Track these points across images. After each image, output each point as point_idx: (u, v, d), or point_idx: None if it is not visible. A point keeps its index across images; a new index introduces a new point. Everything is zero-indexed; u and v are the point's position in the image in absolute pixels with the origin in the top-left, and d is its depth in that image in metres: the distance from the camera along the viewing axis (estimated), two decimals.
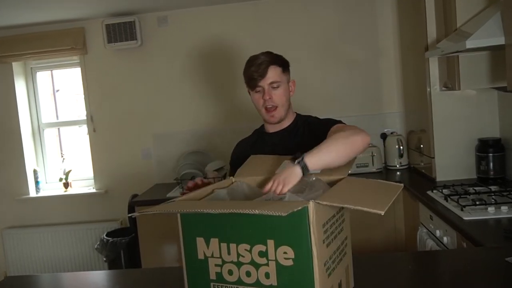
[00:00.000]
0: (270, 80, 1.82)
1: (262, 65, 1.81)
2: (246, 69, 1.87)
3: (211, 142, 4.01)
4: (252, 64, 1.84)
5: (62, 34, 4.04)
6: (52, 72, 4.45)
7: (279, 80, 1.84)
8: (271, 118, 1.88)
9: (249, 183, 1.49)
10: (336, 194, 1.21)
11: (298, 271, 1.09)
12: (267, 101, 1.84)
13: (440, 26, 2.92)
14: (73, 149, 4.51)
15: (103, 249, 3.70)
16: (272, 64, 1.83)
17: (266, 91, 1.83)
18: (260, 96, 1.85)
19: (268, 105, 1.84)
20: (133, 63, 4.07)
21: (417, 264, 1.72)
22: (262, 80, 1.82)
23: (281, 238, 1.10)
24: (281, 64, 1.87)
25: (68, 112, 4.48)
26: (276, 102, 1.85)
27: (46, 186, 4.39)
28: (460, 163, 3.02)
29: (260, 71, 1.81)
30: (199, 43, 3.99)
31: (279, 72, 1.85)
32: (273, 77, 1.83)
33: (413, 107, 3.56)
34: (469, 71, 2.73)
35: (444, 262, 1.70)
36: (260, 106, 1.87)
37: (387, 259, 1.80)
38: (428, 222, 2.64)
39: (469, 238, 2.00)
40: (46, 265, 4.25)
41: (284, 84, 1.87)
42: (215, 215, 1.15)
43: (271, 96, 1.83)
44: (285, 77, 1.88)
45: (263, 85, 1.83)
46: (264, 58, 1.84)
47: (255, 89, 1.85)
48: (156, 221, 3.30)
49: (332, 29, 3.89)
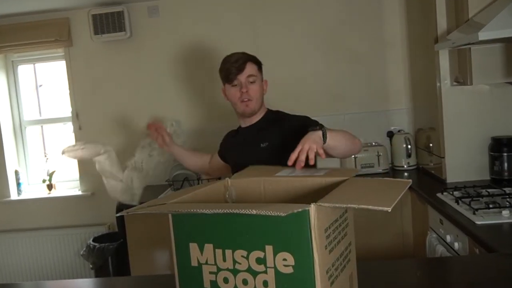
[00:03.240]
0: (248, 73, 2.08)
1: (240, 60, 2.07)
2: (223, 65, 2.12)
3: (204, 140, 3.99)
4: (229, 60, 2.10)
5: (46, 25, 4.03)
6: (34, 66, 4.44)
7: (255, 75, 2.11)
8: (246, 108, 2.13)
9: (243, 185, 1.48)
10: (339, 195, 1.20)
11: (299, 279, 1.08)
12: (243, 94, 2.09)
13: (451, 16, 2.92)
14: (58, 148, 4.50)
15: (90, 256, 3.69)
16: (249, 60, 2.10)
17: (244, 84, 2.08)
18: (237, 89, 2.10)
19: (245, 98, 2.10)
20: (122, 56, 4.06)
21: (426, 271, 1.72)
22: (240, 74, 2.07)
23: (281, 243, 1.09)
24: (256, 62, 2.14)
25: (52, 108, 4.47)
26: (252, 96, 2.11)
27: (28, 188, 4.38)
28: (472, 163, 3.03)
29: (238, 65, 2.06)
30: (193, 34, 3.98)
31: (256, 68, 2.12)
32: (251, 71, 2.09)
33: (421, 103, 3.56)
34: (482, 65, 2.73)
35: (455, 270, 1.70)
36: (236, 99, 2.12)
37: (394, 266, 1.80)
38: (438, 227, 2.64)
39: (482, 244, 2.00)
40: (28, 272, 4.24)
41: (259, 81, 2.14)
42: (209, 218, 1.14)
43: (247, 90, 2.09)
44: (260, 75, 2.15)
45: (241, 79, 2.08)
46: (241, 55, 2.10)
47: (233, 82, 2.10)
48: (146, 225, 3.29)
49: (334, 19, 3.88)
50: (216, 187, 1.48)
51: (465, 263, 1.83)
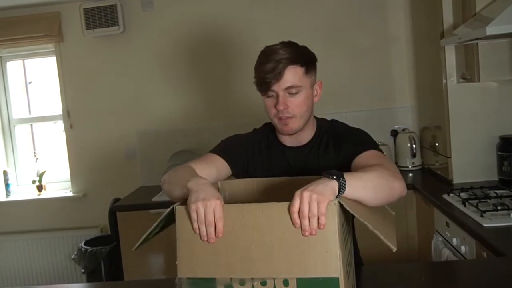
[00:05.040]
0: (287, 84, 1.59)
1: (279, 65, 1.57)
2: (258, 66, 1.62)
3: (202, 140, 3.99)
4: (266, 60, 1.59)
5: (35, 19, 4.01)
6: (24, 62, 4.42)
7: (299, 85, 1.60)
8: (284, 128, 1.65)
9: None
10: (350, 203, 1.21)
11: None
12: (281, 111, 1.61)
13: (458, 10, 2.91)
14: (48, 148, 4.49)
15: (81, 259, 3.68)
16: (292, 63, 1.59)
17: (281, 99, 1.60)
18: (273, 103, 1.62)
19: (283, 116, 1.62)
20: (115, 51, 4.05)
21: (432, 275, 1.72)
22: (276, 84, 1.58)
23: None
24: (304, 63, 1.62)
25: (42, 106, 4.46)
26: (292, 113, 1.62)
27: (17, 189, 4.37)
28: (480, 163, 3.02)
29: (275, 72, 1.57)
30: (189, 29, 3.97)
31: (301, 74, 1.61)
32: (292, 80, 1.59)
33: (427, 101, 3.56)
34: (490, 61, 2.73)
35: (462, 274, 1.70)
36: (273, 115, 1.65)
37: (398, 269, 1.80)
38: (444, 229, 2.64)
39: (489, 247, 2.00)
40: (17, 277, 4.22)
41: (306, 89, 1.63)
42: None
43: (286, 106, 1.60)
44: (307, 80, 1.64)
45: (277, 91, 1.60)
46: (283, 54, 1.58)
47: (267, 93, 1.62)
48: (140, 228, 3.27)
49: (336, 13, 3.87)
50: None
51: (472, 267, 1.83)
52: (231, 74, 3.87)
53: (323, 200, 1.12)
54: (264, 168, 1.74)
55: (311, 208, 1.11)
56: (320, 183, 1.17)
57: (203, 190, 1.23)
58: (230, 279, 1.15)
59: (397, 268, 1.83)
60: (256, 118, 1.99)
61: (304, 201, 1.12)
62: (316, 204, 1.11)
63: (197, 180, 1.31)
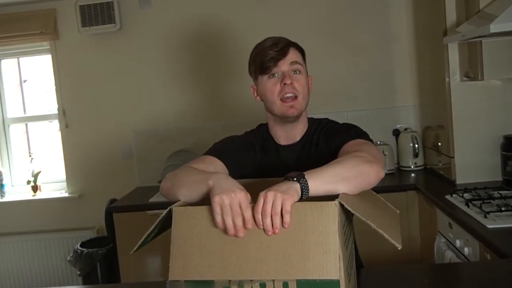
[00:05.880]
0: (292, 59, 1.63)
1: (281, 43, 1.63)
2: (257, 53, 1.67)
3: (200, 140, 3.99)
4: (266, 43, 1.65)
5: (30, 16, 4.01)
6: (18, 60, 4.42)
7: (302, 64, 1.67)
8: (290, 110, 1.64)
9: None
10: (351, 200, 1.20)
11: None
12: (287, 86, 1.61)
13: (461, 7, 2.91)
14: (43, 148, 4.49)
15: (77, 261, 3.68)
16: (292, 45, 1.67)
17: (287, 74, 1.62)
18: (277, 82, 1.63)
19: (288, 93, 1.62)
20: (111, 49, 4.05)
21: (434, 278, 1.71)
22: (282, 60, 1.62)
23: None
24: (301, 50, 1.71)
25: (37, 105, 4.46)
26: (298, 90, 1.63)
27: (11, 189, 4.36)
28: (483, 163, 3.02)
29: (279, 47, 1.62)
30: (187, 27, 3.97)
31: (301, 57, 1.69)
32: (296, 57, 1.65)
33: (429, 99, 3.56)
34: (494, 59, 2.73)
35: (465, 276, 1.70)
36: (276, 97, 1.64)
37: (400, 272, 1.80)
38: (447, 231, 2.63)
39: (493, 249, 2.00)
40: (12, 279, 4.22)
41: (305, 74, 1.69)
42: None
43: (292, 81, 1.62)
44: (304, 66, 1.70)
45: (283, 67, 1.62)
46: (281, 38, 1.67)
47: (271, 71, 1.63)
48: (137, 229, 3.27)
49: (336, 10, 3.87)
50: None
51: (476, 269, 1.82)
52: (230, 73, 3.87)
53: (287, 198, 1.13)
54: (259, 168, 1.74)
55: (274, 206, 1.12)
56: (284, 184, 1.19)
57: (226, 183, 1.22)
58: (228, 281, 1.15)
59: (399, 270, 1.82)
60: (254, 118, 2.00)
61: (267, 200, 1.13)
62: (280, 202, 1.12)
63: (217, 175, 1.28)
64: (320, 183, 1.23)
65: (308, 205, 1.13)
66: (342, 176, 1.27)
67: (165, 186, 1.48)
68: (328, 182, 1.25)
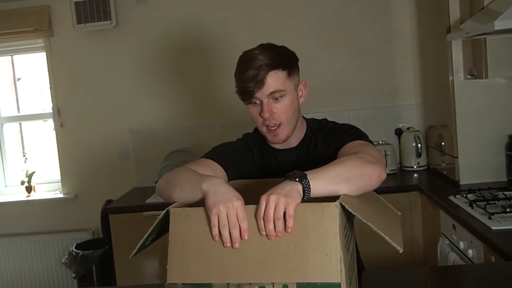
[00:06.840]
0: (270, 90, 1.57)
1: (260, 72, 1.55)
2: (239, 75, 1.62)
3: (197, 140, 3.99)
4: (246, 68, 1.58)
5: (24, 13, 4.01)
6: (12, 58, 4.42)
7: (282, 89, 1.59)
8: (274, 138, 1.65)
9: None
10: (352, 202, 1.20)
11: None
12: (267, 119, 1.60)
13: (465, 4, 2.91)
14: (37, 148, 4.48)
15: (72, 264, 3.68)
16: (273, 69, 1.57)
17: (265, 106, 1.58)
18: (258, 111, 1.60)
19: (270, 124, 1.61)
20: (107, 47, 4.04)
21: (438, 280, 1.71)
22: (259, 92, 1.56)
23: None
24: (285, 66, 1.60)
25: (31, 104, 4.46)
26: (279, 119, 1.61)
27: (5, 190, 4.36)
28: (488, 163, 3.02)
29: (256, 80, 1.55)
30: (184, 24, 3.96)
31: (283, 78, 1.59)
32: (275, 86, 1.57)
33: (432, 98, 3.56)
34: (498, 57, 2.73)
35: (469, 279, 1.70)
36: (260, 124, 1.64)
37: (403, 274, 1.80)
38: (451, 232, 2.63)
39: (498, 251, 2.00)
40: (6, 282, 4.21)
41: (290, 92, 1.62)
42: None
43: (272, 113, 1.59)
44: (291, 83, 1.63)
45: (261, 98, 1.58)
46: (263, 60, 1.57)
47: (251, 101, 1.60)
48: (133, 231, 3.27)
49: (337, 7, 3.87)
50: None
51: (480, 272, 1.82)
52: (227, 72, 3.83)
53: (290, 202, 1.12)
54: (257, 171, 1.73)
55: (277, 210, 1.11)
56: (285, 185, 1.18)
57: (222, 191, 1.20)
58: (227, 284, 1.14)
59: (401, 273, 1.83)
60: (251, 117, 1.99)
61: (270, 205, 1.12)
62: (283, 206, 1.12)
63: (212, 180, 1.26)
64: (322, 184, 1.23)
65: (309, 207, 1.13)
66: (344, 177, 1.26)
67: (160, 186, 1.48)
68: (330, 183, 1.24)
